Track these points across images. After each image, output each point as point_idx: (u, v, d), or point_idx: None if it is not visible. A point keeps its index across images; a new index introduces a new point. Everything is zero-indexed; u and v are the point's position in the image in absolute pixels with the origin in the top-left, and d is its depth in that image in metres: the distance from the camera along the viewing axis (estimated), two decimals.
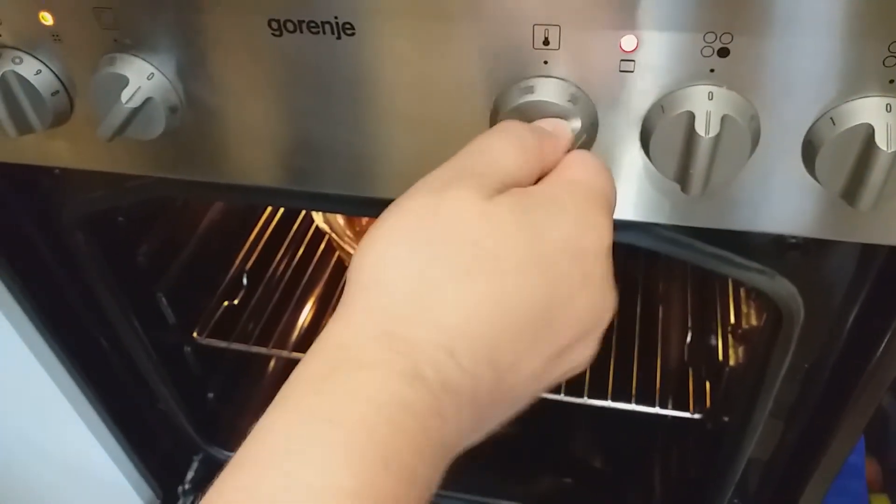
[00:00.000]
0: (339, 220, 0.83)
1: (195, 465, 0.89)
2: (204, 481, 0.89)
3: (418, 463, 0.26)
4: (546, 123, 0.36)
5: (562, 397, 0.80)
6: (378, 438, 0.25)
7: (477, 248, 0.29)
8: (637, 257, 0.96)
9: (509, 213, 0.30)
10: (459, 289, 0.28)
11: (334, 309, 0.30)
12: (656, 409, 0.80)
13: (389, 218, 0.31)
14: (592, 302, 0.31)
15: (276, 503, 0.24)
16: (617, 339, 0.87)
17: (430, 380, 0.27)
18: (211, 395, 0.91)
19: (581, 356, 0.32)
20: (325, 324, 0.28)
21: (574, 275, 0.30)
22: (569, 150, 0.35)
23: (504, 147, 0.32)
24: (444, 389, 0.27)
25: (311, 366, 0.28)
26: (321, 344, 0.29)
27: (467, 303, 0.28)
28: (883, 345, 0.49)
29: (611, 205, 0.33)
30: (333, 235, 0.81)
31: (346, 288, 0.31)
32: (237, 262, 0.93)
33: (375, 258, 0.30)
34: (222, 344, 0.87)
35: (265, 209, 0.97)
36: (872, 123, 0.33)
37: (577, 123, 0.37)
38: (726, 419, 0.73)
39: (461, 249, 0.29)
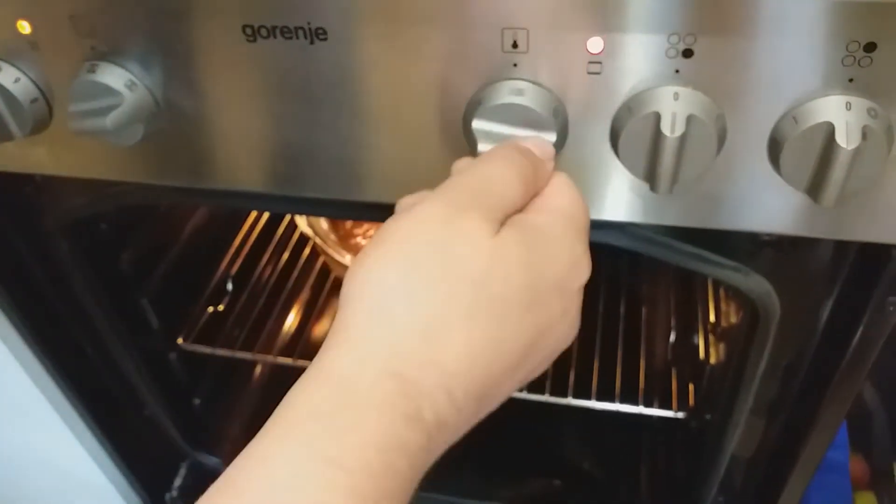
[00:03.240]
0: (323, 224, 0.83)
1: (182, 471, 0.89)
2: (191, 488, 0.89)
3: (404, 497, 0.28)
4: (532, 144, 0.36)
5: (547, 398, 0.80)
6: (377, 483, 0.27)
7: (484, 291, 0.30)
8: (620, 258, 0.97)
9: (515, 251, 0.31)
10: (465, 332, 0.30)
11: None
12: (640, 409, 0.80)
13: (396, 234, 0.32)
14: (565, 333, 0.34)
15: None
16: (601, 339, 0.87)
17: (427, 421, 0.29)
18: (197, 401, 0.91)
19: (538, 373, 0.35)
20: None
21: (557, 309, 0.33)
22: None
23: (510, 179, 0.34)
24: (437, 427, 0.29)
25: (313, 395, 0.29)
26: (323, 370, 0.30)
27: (472, 348, 0.30)
28: (856, 338, 0.50)
29: (587, 233, 0.35)
30: (317, 240, 0.81)
31: (345, 300, 0.31)
32: (222, 267, 0.93)
33: (380, 280, 0.31)
34: (207, 350, 0.87)
35: (249, 214, 0.98)
36: (832, 122, 0.34)
37: (552, 136, 0.38)
38: (709, 417, 0.74)
39: (470, 291, 0.30)
